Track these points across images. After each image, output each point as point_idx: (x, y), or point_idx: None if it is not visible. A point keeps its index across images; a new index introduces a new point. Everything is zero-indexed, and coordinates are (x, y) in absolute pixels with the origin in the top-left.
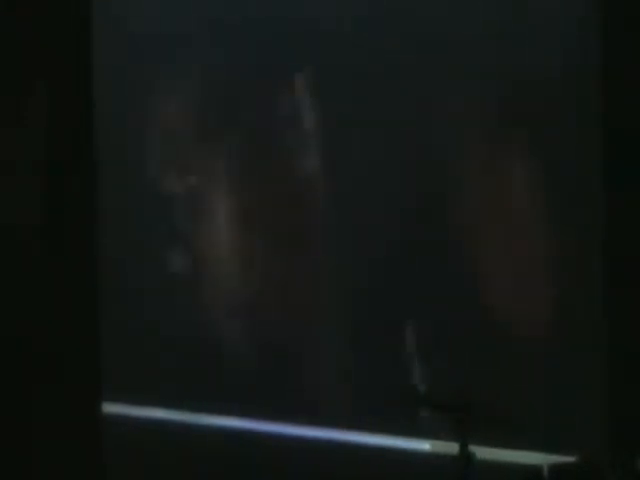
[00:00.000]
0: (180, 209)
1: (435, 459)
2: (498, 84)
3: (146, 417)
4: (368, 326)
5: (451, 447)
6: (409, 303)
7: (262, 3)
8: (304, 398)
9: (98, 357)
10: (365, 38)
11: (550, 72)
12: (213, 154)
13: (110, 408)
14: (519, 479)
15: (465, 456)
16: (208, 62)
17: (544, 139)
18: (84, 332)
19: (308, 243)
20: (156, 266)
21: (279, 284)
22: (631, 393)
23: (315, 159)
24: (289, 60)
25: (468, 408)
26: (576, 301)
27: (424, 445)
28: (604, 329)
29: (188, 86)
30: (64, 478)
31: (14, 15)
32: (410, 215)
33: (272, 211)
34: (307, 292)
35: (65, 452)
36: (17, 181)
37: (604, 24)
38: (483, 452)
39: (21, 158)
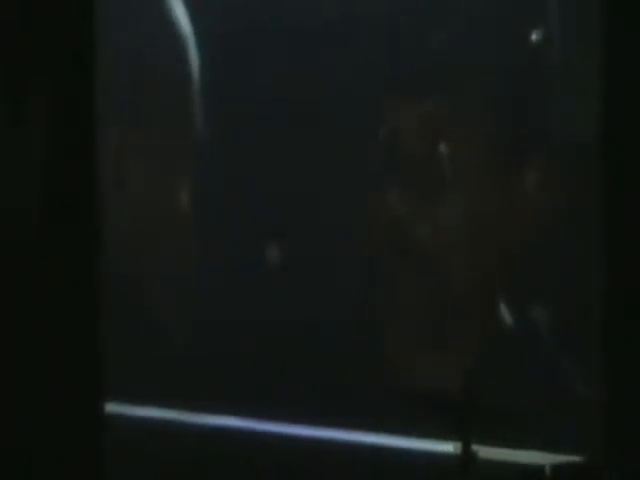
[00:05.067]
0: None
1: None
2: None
3: (147, 417)
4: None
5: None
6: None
7: None
8: (307, 398)
9: (99, 356)
10: None
11: None
12: None
13: (112, 408)
14: (521, 479)
15: (467, 455)
16: None
17: None
18: (85, 331)
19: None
20: (158, 265)
21: (277, 284)
22: (633, 393)
23: None
24: None
25: (471, 406)
26: (575, 301)
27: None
28: (604, 328)
29: None
30: (65, 479)
31: (14, 14)
32: None
33: None
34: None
35: (66, 453)
36: (17, 181)
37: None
38: (485, 451)
39: (21, 159)
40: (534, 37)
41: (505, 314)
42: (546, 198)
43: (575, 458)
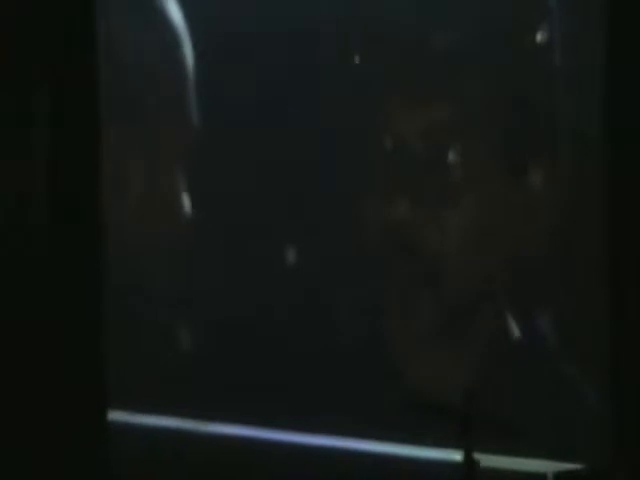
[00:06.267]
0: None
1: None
2: None
3: (151, 425)
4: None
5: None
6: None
7: None
8: (310, 407)
9: (102, 363)
10: None
11: None
12: None
13: (115, 416)
14: None
15: (469, 464)
16: None
17: None
18: (88, 337)
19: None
20: (161, 270)
21: (279, 287)
22: (636, 397)
23: None
24: None
25: (473, 413)
26: (576, 304)
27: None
28: (606, 332)
29: None
30: None
31: (16, 14)
32: None
33: None
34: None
35: (70, 460)
36: (19, 182)
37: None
38: (488, 460)
39: (23, 159)
40: (536, 38)
41: (509, 321)
42: (549, 199)
43: (577, 466)
